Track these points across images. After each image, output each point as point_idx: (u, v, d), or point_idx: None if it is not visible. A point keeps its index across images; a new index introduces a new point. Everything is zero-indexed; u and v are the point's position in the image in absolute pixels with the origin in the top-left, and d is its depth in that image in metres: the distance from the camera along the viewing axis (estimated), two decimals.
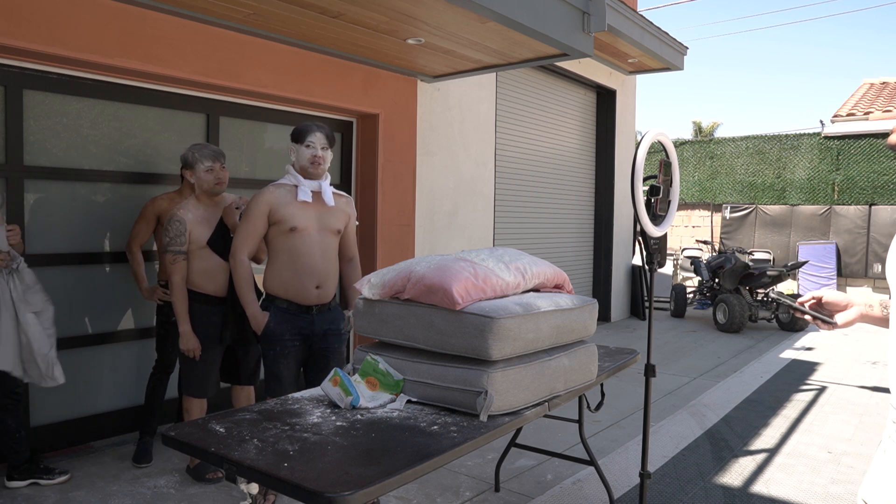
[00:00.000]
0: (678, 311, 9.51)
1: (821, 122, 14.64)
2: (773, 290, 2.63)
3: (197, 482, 3.32)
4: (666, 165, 2.95)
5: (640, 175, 2.70)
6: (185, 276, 3.16)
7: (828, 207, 13.58)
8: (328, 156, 2.97)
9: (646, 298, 9.06)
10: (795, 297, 1.80)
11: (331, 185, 3.02)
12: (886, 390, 5.36)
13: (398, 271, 2.30)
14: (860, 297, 1.67)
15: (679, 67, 7.91)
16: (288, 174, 2.96)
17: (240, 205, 3.25)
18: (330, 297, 3.04)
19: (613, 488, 3.30)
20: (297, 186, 2.91)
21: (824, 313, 1.69)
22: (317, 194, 2.97)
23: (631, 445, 3.99)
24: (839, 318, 1.67)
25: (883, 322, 1.62)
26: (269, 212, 2.87)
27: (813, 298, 1.70)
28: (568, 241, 8.35)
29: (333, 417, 2.03)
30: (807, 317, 1.70)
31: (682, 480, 3.51)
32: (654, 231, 2.83)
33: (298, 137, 2.92)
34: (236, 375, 3.39)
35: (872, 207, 12.42)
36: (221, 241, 3.21)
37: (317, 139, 2.90)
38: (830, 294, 1.69)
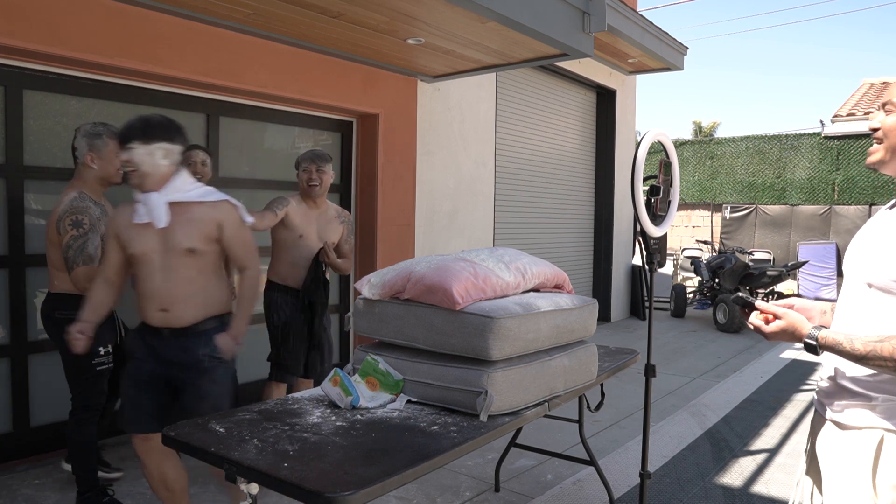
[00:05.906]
0: (678, 311, 9.50)
1: (821, 122, 14.64)
2: (741, 288, 2.58)
3: (196, 483, 3.32)
4: (666, 165, 2.95)
5: (640, 175, 2.70)
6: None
7: (828, 207, 13.58)
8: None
9: (646, 298, 9.06)
10: (780, 295, 1.74)
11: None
12: None
13: (398, 271, 2.30)
14: (819, 304, 1.66)
15: (679, 67, 7.91)
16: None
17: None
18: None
19: (613, 488, 3.30)
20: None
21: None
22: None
23: (631, 445, 3.99)
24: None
25: None
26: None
27: (784, 306, 1.61)
28: (568, 241, 8.35)
29: (333, 417, 2.03)
30: (749, 324, 1.62)
31: (682, 480, 3.51)
32: (654, 231, 2.83)
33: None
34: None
35: (872, 207, 12.42)
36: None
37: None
38: (801, 303, 1.65)
